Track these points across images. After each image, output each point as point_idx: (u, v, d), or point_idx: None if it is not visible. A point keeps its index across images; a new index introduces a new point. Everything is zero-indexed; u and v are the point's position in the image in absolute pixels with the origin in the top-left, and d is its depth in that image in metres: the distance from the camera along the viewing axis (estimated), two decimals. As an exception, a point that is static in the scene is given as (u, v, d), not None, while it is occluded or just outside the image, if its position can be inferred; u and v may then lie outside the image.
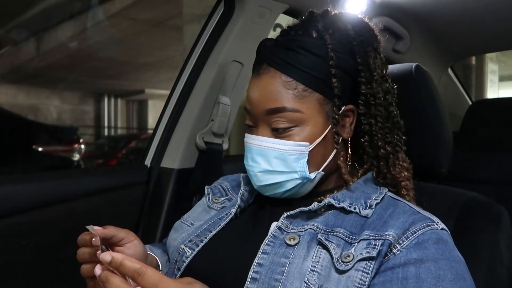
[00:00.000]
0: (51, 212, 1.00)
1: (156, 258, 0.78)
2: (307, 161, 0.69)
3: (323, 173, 0.71)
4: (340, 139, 0.71)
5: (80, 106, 10.59)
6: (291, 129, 0.68)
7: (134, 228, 1.18)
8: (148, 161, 1.24)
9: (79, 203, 1.05)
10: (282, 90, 0.67)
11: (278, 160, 0.69)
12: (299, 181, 0.69)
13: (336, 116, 0.69)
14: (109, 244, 0.66)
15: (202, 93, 1.20)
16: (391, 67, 0.90)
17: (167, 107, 1.25)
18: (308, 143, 0.68)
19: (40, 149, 5.11)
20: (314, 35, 0.70)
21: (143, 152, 1.27)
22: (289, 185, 0.70)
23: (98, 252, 0.57)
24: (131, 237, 0.68)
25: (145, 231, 1.18)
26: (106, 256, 0.51)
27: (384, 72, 0.73)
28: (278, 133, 0.69)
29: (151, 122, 11.26)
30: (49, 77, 8.73)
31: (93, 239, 0.59)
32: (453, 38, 1.70)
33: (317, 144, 0.69)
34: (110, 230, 0.64)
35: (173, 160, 1.20)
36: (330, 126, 0.70)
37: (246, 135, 0.73)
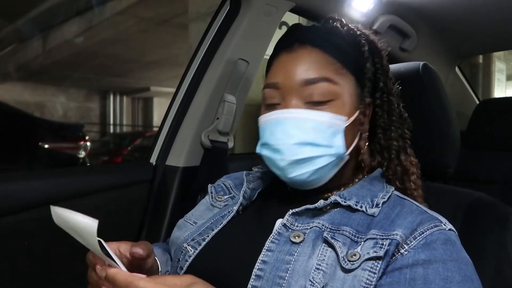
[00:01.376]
0: (56, 209, 1.01)
1: (155, 257, 0.76)
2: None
3: (349, 156, 0.71)
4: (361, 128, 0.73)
5: (86, 104, 10.63)
6: (326, 103, 0.67)
7: (138, 226, 1.18)
8: (153, 159, 1.24)
9: (84, 201, 1.05)
10: (322, 61, 0.68)
11: (316, 131, 0.65)
12: (332, 159, 0.67)
13: (363, 104, 0.72)
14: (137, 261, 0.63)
15: (207, 91, 1.19)
16: (398, 66, 0.90)
17: (173, 105, 1.25)
18: (346, 117, 0.67)
19: (46, 146, 5.14)
20: (345, 28, 0.74)
21: (148, 150, 1.27)
22: (321, 162, 0.66)
23: (98, 267, 0.58)
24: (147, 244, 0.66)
25: (149, 229, 1.18)
26: (102, 272, 0.56)
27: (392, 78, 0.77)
28: (313, 105, 0.67)
29: (157, 119, 11.28)
30: (55, 75, 8.77)
31: (97, 266, 0.58)
32: (461, 37, 1.68)
33: (350, 123, 0.68)
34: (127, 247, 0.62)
35: (178, 158, 1.20)
36: (358, 111, 0.71)
37: (272, 112, 0.69)
